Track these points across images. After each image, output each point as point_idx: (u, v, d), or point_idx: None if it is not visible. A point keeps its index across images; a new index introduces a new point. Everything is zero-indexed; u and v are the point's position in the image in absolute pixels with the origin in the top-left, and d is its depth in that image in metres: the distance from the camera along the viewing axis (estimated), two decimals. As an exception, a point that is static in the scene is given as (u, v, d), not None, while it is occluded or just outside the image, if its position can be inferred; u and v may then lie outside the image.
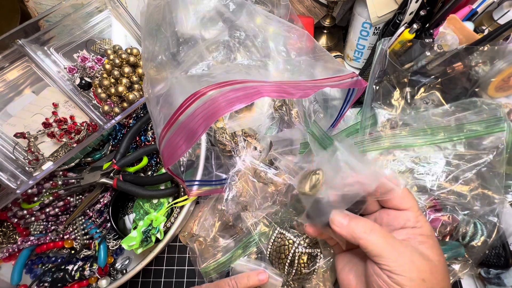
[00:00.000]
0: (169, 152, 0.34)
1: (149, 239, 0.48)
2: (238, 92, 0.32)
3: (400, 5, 0.51)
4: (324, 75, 0.41)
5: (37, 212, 0.51)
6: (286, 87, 0.35)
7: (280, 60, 0.46)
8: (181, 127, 0.33)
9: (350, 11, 0.67)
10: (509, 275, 0.46)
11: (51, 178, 0.51)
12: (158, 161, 0.56)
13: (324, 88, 0.37)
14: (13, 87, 0.50)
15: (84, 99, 0.52)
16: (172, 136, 0.34)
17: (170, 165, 0.34)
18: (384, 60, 0.49)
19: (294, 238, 0.45)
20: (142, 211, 0.52)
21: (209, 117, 0.31)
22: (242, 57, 0.46)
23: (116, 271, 0.53)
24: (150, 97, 0.41)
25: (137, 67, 0.53)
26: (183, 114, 0.33)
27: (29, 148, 0.47)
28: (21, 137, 0.48)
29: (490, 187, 0.41)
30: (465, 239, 0.43)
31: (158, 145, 0.37)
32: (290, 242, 0.45)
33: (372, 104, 0.50)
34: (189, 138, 0.32)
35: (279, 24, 0.45)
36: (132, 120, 0.56)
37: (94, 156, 0.54)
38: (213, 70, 0.40)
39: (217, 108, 0.30)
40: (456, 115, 0.45)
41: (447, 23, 0.44)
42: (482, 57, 0.44)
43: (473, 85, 0.47)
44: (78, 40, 0.55)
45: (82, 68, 0.53)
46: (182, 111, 0.33)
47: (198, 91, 0.33)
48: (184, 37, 0.46)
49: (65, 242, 0.51)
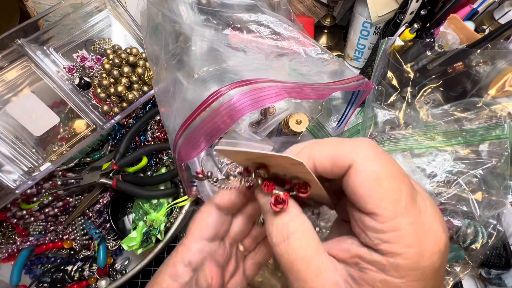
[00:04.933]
0: (188, 148, 0.34)
1: (149, 239, 0.48)
2: (261, 92, 0.32)
3: (400, 5, 0.50)
4: (332, 78, 0.41)
5: (36, 213, 0.51)
6: (305, 88, 0.35)
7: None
8: (203, 122, 0.33)
9: (350, 10, 0.67)
10: (510, 275, 0.46)
11: (50, 178, 0.51)
12: (157, 161, 0.56)
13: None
14: (12, 87, 0.50)
15: (84, 99, 0.52)
16: (192, 133, 0.34)
17: (187, 161, 0.34)
18: (387, 60, 0.48)
19: None
20: (141, 211, 0.52)
21: (234, 115, 0.31)
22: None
23: (115, 272, 0.53)
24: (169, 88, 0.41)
25: (137, 66, 0.53)
26: (205, 110, 0.33)
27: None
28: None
29: (492, 191, 0.41)
30: (466, 242, 0.42)
31: (174, 141, 0.37)
32: None
33: (372, 104, 0.50)
34: (212, 134, 0.32)
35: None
36: (131, 120, 0.55)
37: (93, 156, 0.54)
38: (236, 63, 0.40)
39: (241, 107, 0.31)
40: (457, 116, 0.45)
41: (448, 22, 0.44)
42: (482, 57, 0.44)
43: (474, 85, 0.47)
44: (77, 40, 0.55)
45: (81, 68, 0.53)
46: (205, 107, 0.33)
47: (221, 89, 0.33)
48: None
49: (64, 242, 0.51)
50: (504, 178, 0.41)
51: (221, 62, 0.40)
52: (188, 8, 0.44)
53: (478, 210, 0.41)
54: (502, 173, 0.41)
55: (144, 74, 0.53)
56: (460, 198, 0.42)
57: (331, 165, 0.18)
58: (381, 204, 0.16)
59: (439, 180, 0.42)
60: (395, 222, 0.16)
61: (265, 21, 0.44)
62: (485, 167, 0.41)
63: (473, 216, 0.42)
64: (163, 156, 0.56)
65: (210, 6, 0.44)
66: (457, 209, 0.42)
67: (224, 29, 0.44)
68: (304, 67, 0.43)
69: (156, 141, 0.56)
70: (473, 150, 0.42)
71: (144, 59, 0.53)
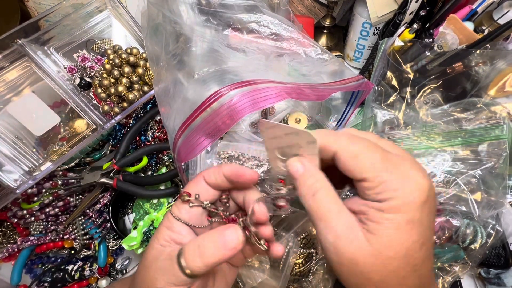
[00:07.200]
0: (187, 148, 0.34)
1: (150, 239, 0.48)
2: (262, 93, 0.32)
3: (400, 5, 0.51)
4: (332, 78, 0.41)
5: (37, 212, 0.51)
6: (304, 89, 0.35)
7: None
8: (204, 123, 0.33)
9: (350, 11, 0.67)
10: (509, 275, 0.46)
11: (51, 178, 0.51)
12: (158, 161, 0.56)
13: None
14: (13, 87, 0.50)
15: (84, 99, 0.52)
16: (192, 133, 0.34)
17: (186, 161, 0.35)
18: (386, 60, 0.49)
19: (288, 239, 0.45)
20: (142, 211, 0.52)
21: (234, 115, 0.31)
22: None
23: (116, 271, 0.53)
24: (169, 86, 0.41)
25: (137, 67, 0.53)
26: (206, 111, 0.33)
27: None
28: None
29: (491, 191, 0.41)
30: (465, 242, 0.43)
31: (174, 140, 0.37)
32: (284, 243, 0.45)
33: (372, 104, 0.50)
34: (212, 134, 0.32)
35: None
36: (132, 120, 0.56)
37: (94, 156, 0.54)
38: (236, 64, 0.40)
39: (241, 107, 0.31)
40: (456, 116, 0.45)
41: (447, 23, 0.44)
42: (482, 57, 0.44)
43: (474, 86, 0.47)
44: (78, 40, 0.55)
45: (82, 68, 0.53)
46: (205, 108, 0.33)
47: (221, 89, 0.33)
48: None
49: (65, 242, 0.51)
50: (503, 178, 0.41)
51: (221, 62, 0.40)
52: (189, 8, 0.44)
53: (477, 210, 0.41)
54: (501, 173, 0.41)
55: (145, 74, 0.53)
56: (459, 198, 0.42)
57: (321, 151, 0.25)
58: (364, 170, 0.23)
59: (438, 180, 0.42)
60: (379, 177, 0.22)
61: (265, 22, 0.44)
62: (484, 168, 0.41)
63: (472, 216, 0.42)
64: (164, 156, 0.56)
65: (210, 6, 0.44)
66: (456, 209, 0.42)
67: (224, 29, 0.45)
68: (304, 68, 0.43)
69: (156, 141, 0.56)
70: (472, 150, 0.42)
71: (144, 59, 0.53)
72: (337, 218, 0.23)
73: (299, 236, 0.46)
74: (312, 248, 0.45)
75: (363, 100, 0.47)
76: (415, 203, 0.22)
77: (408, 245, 0.22)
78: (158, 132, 0.56)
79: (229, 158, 0.45)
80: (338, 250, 0.22)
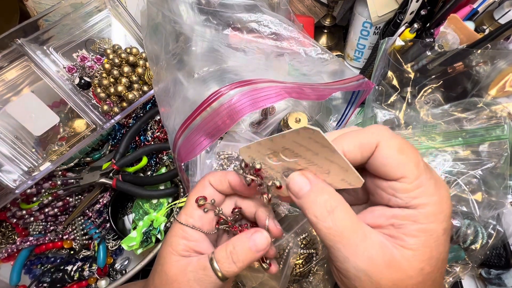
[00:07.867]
0: (188, 148, 0.34)
1: (149, 239, 0.48)
2: (261, 92, 0.32)
3: (400, 5, 0.50)
4: (332, 78, 0.41)
5: (36, 212, 0.51)
6: (305, 89, 0.35)
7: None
8: (204, 122, 0.33)
9: (350, 10, 0.67)
10: (509, 275, 0.46)
11: (50, 178, 0.51)
12: (157, 161, 0.56)
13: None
14: (12, 87, 0.50)
15: (84, 98, 0.52)
16: (192, 133, 0.34)
17: (186, 160, 0.35)
18: (387, 60, 0.48)
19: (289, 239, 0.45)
20: (141, 211, 0.52)
21: (234, 115, 0.31)
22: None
23: (115, 272, 0.53)
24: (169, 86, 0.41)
25: (137, 66, 0.53)
26: (206, 110, 0.33)
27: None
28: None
29: (492, 192, 0.41)
30: (466, 242, 0.42)
31: (174, 140, 0.37)
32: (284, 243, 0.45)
33: (372, 104, 0.50)
34: (212, 134, 0.32)
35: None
36: (131, 119, 0.55)
37: (93, 156, 0.54)
38: (236, 63, 0.40)
39: (241, 107, 0.31)
40: (457, 116, 0.45)
41: (448, 22, 0.44)
42: (483, 57, 0.44)
43: (474, 85, 0.47)
44: (77, 40, 0.55)
45: (81, 68, 0.53)
46: (205, 107, 0.33)
47: (221, 89, 0.33)
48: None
49: (64, 242, 0.51)
50: (504, 178, 0.41)
51: (221, 62, 0.40)
52: (188, 8, 0.44)
53: (478, 211, 0.41)
54: (502, 174, 0.41)
55: (144, 74, 0.53)
56: (460, 199, 0.42)
57: (360, 150, 0.21)
58: (407, 168, 0.20)
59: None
60: (419, 180, 0.20)
61: (265, 21, 0.44)
62: (484, 168, 0.41)
63: (473, 216, 0.42)
64: (163, 156, 0.56)
65: (210, 6, 0.44)
66: (457, 210, 0.42)
67: (224, 29, 0.44)
68: (304, 67, 0.43)
69: (156, 141, 0.56)
70: (473, 150, 0.42)
71: (144, 59, 0.53)
72: (366, 239, 0.20)
73: (299, 237, 0.45)
74: (312, 249, 0.45)
75: (364, 100, 0.47)
76: (448, 211, 0.20)
77: (444, 257, 0.20)
78: (157, 132, 0.56)
79: (229, 159, 0.45)
80: (373, 277, 0.19)
